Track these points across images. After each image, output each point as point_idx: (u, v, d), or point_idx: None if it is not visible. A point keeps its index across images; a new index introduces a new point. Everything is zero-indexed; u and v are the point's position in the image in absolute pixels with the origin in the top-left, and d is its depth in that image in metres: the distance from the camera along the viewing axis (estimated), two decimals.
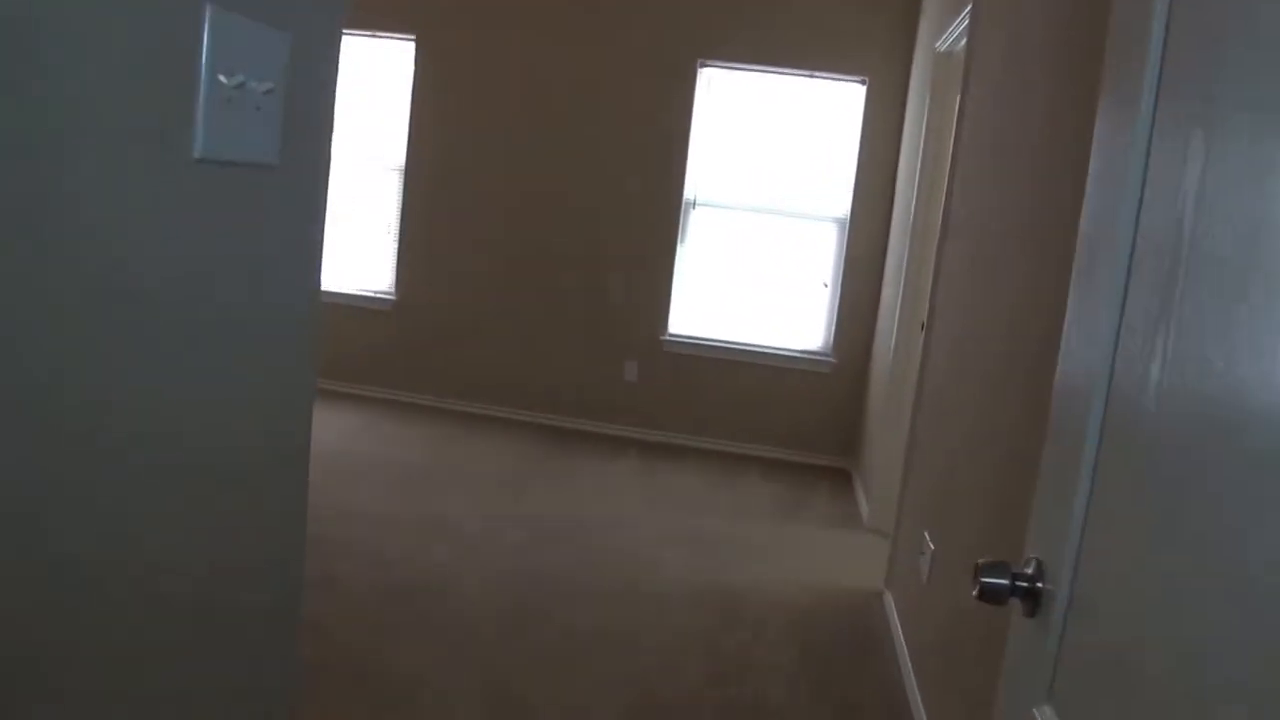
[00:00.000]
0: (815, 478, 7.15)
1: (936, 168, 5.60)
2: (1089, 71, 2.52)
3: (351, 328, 7.99)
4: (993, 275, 3.43)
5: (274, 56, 1.32)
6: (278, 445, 1.59)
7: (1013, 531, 2.80)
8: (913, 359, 5.70)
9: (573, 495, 6.18)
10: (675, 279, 7.54)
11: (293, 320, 1.55)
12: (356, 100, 7.92)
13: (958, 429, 3.77)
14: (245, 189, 1.32)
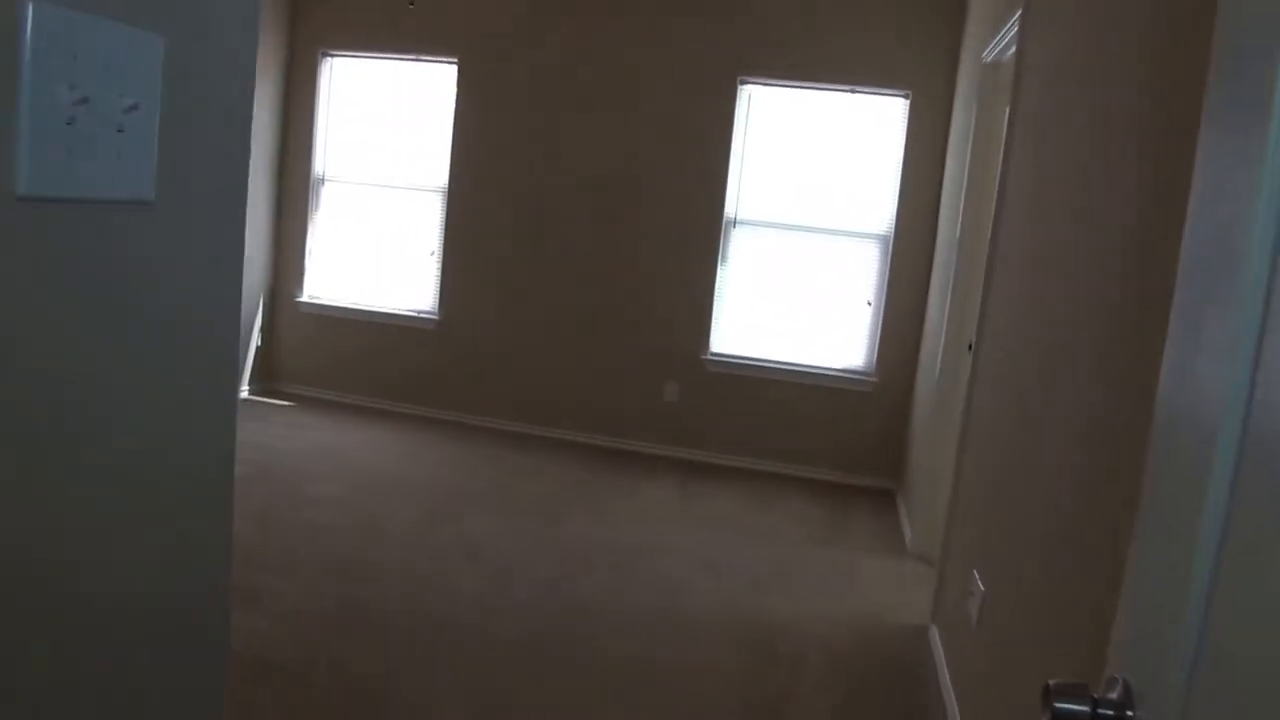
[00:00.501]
0: (857, 499, 6.78)
1: (984, 182, 5.24)
2: (1180, 72, 2.16)
3: (394, 347, 7.77)
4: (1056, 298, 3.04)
5: (139, 65, 0.98)
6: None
7: (1078, 596, 2.44)
8: (959, 381, 5.34)
9: (609, 517, 5.84)
10: (716, 298, 7.22)
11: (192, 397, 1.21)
12: (400, 123, 7.68)
13: (1013, 467, 3.39)
14: (104, 233, 0.98)
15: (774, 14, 6.93)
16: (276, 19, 7.55)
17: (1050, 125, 3.37)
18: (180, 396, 1.21)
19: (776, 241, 7.12)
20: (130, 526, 1.13)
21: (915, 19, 6.75)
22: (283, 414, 7.40)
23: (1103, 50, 2.86)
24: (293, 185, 7.90)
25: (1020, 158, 3.88)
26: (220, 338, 1.25)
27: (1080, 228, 2.79)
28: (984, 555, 3.65)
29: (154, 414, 1.17)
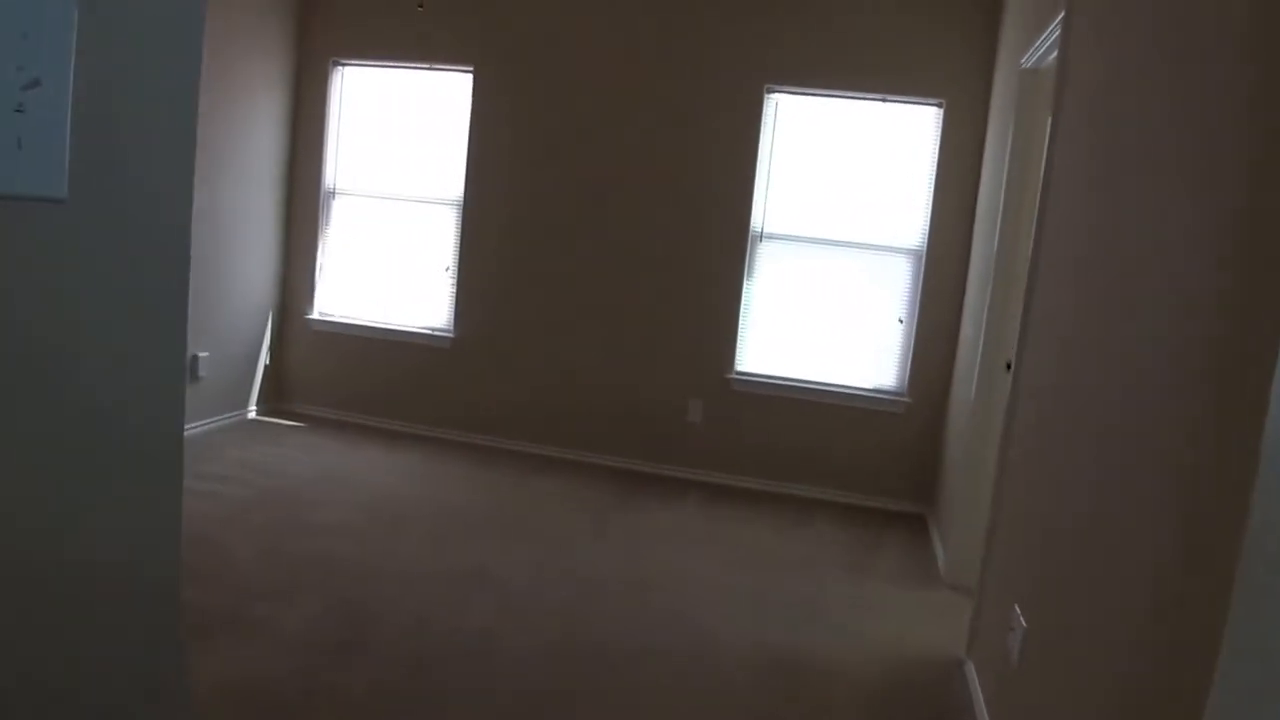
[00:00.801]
0: (888, 524, 6.60)
1: (1023, 195, 5.08)
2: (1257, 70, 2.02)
3: (407, 366, 7.68)
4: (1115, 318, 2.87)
5: (44, 32, 0.83)
6: None
7: (1139, 643, 2.27)
8: (996, 402, 5.18)
9: (629, 545, 5.68)
10: (742, 314, 7.08)
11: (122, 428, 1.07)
12: (413, 134, 7.60)
13: (1061, 497, 3.22)
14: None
15: (802, 20, 6.81)
16: (285, 26, 7.47)
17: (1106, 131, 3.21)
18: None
19: (805, 256, 6.97)
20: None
21: (948, 25, 6.61)
22: (292, 435, 7.28)
23: (1174, 49, 2.71)
24: (302, 199, 7.81)
25: (1067, 167, 3.72)
26: (164, 370, 1.11)
27: (1159, 239, 2.63)
28: (1027, 589, 3.48)
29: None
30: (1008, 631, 3.60)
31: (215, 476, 6.07)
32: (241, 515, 5.44)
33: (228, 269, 7.17)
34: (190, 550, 4.79)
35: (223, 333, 7.19)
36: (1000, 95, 6.03)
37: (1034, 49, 4.75)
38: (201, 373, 6.95)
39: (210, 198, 6.85)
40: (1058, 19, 4.12)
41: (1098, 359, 2.92)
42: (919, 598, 5.32)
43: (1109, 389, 2.77)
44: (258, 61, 7.22)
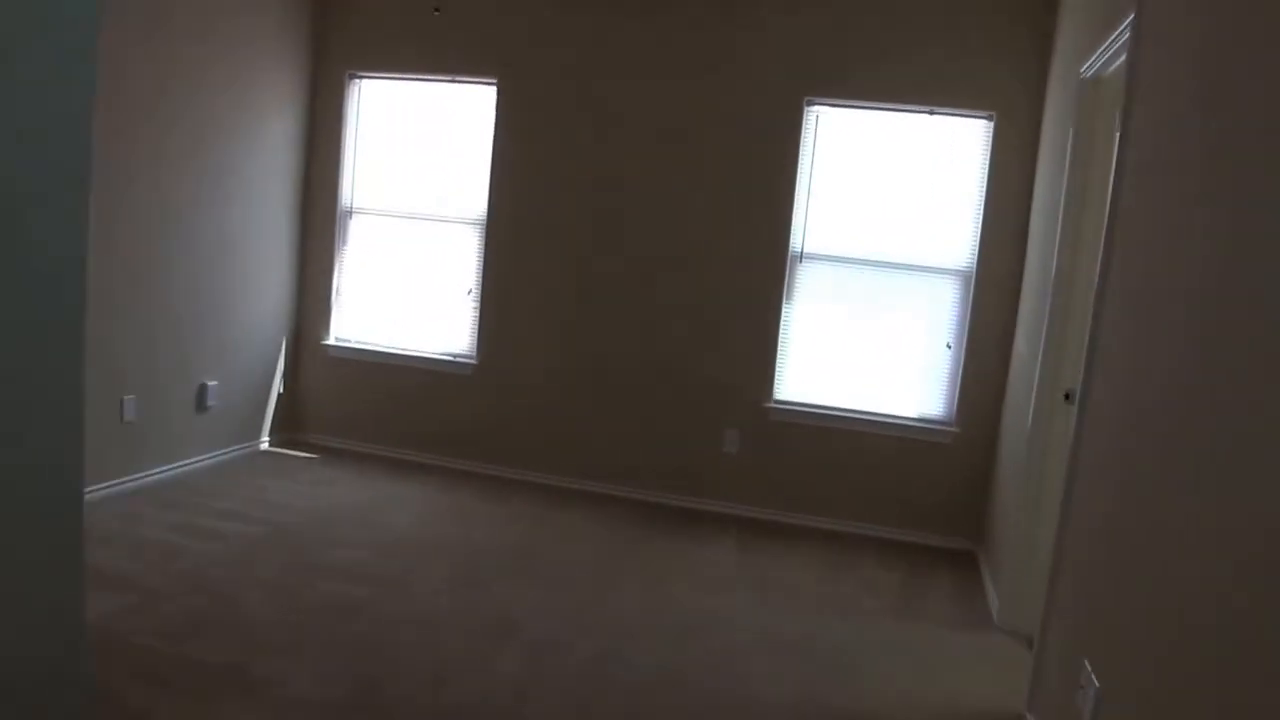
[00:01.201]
0: (936, 562, 6.38)
1: (1083, 212, 4.87)
2: None
3: (428, 394, 7.54)
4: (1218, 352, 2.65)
5: None
6: None
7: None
8: (1055, 434, 4.98)
9: (661, 586, 5.48)
10: (781, 339, 6.90)
11: None
12: (434, 150, 7.47)
13: (1144, 545, 3.00)
14: None
15: (843, 29, 6.64)
16: (298, 38, 7.35)
17: (1206, 142, 2.99)
18: None
19: (847, 277, 6.79)
20: None
21: (998, 33, 6.42)
22: (306, 468, 7.13)
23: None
24: (318, 218, 7.68)
25: (1140, 184, 3.51)
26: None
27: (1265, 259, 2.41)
28: (1099, 643, 3.26)
29: None
30: (1076, 689, 3.38)
31: (223, 514, 5.91)
32: (249, 557, 5.27)
33: (239, 293, 7.03)
34: (194, 597, 4.64)
35: (233, 360, 7.05)
36: (1055, 106, 5.84)
37: (1096, 56, 4.55)
38: (210, 402, 6.80)
39: (220, 218, 6.72)
40: (1125, 22, 3.92)
41: (1191, 396, 2.71)
42: (971, 643, 5.09)
43: (1206, 431, 2.56)
44: (270, 75, 7.10)
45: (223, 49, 6.54)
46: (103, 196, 5.71)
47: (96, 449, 5.86)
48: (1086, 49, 4.86)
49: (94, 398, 5.82)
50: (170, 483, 6.37)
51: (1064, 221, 4.97)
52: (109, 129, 5.68)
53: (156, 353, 6.30)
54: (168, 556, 5.13)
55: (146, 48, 5.92)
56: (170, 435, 6.50)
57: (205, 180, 6.54)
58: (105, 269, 5.79)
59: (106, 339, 5.87)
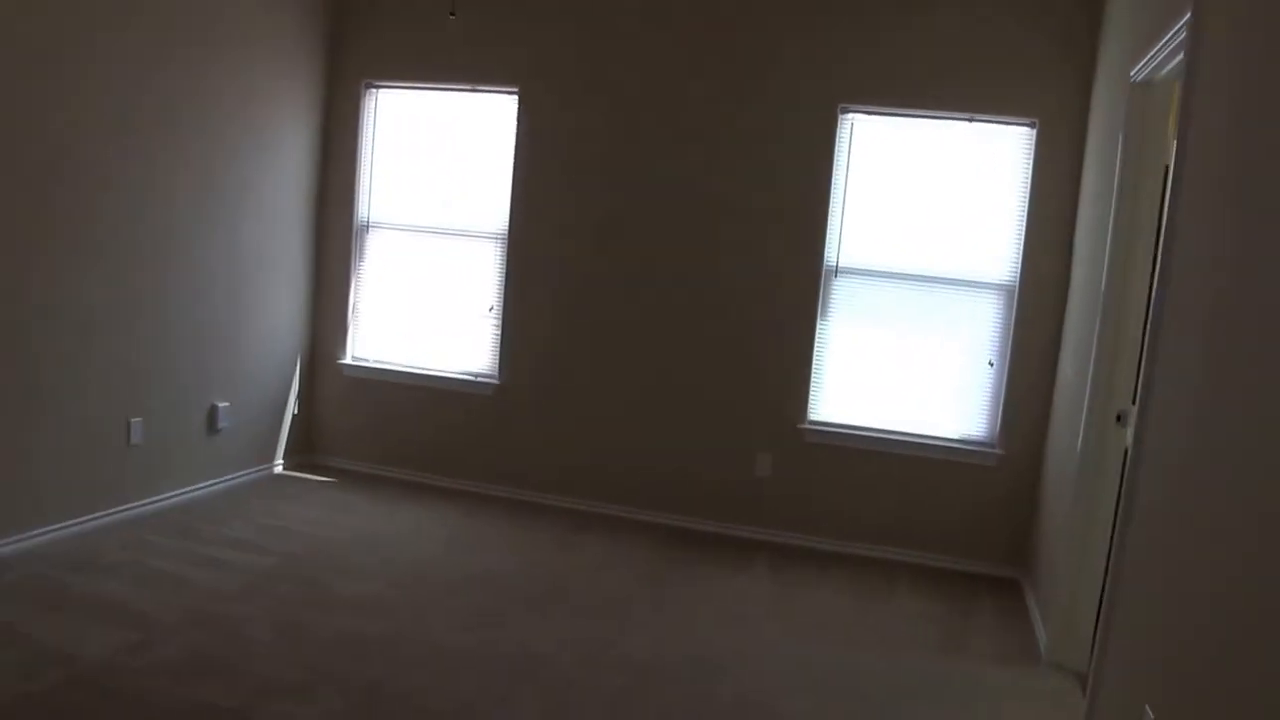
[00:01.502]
0: (979, 590, 6.21)
1: (1134, 224, 4.71)
2: None
3: (449, 415, 7.44)
4: None
5: None
6: None
7: None
8: (1107, 457, 4.83)
9: (690, 619, 5.33)
10: (815, 357, 6.76)
11: None
12: (453, 161, 7.39)
13: (1214, 582, 2.83)
14: None
15: (878, 34, 6.52)
16: (313, 46, 7.27)
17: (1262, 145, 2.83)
18: None
19: (885, 292, 6.66)
20: None
21: (1040, 36, 6.27)
22: (321, 492, 7.02)
23: None
24: (333, 233, 7.59)
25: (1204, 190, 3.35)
26: None
27: None
28: (1164, 688, 3.09)
29: None
30: None
31: (233, 542, 5.80)
32: (260, 588, 5.15)
33: (251, 311, 6.94)
34: (199, 633, 4.52)
35: (245, 380, 6.96)
36: (1102, 112, 5.69)
37: (1147, 59, 4.39)
38: (221, 424, 6.70)
39: (232, 234, 6.64)
40: (1180, 22, 3.77)
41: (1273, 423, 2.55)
42: (1018, 681, 4.91)
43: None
44: (283, 85, 7.02)
45: (234, 59, 6.47)
46: (110, 211, 5.63)
47: (101, 473, 5.79)
48: (1136, 51, 4.70)
49: (99, 420, 5.74)
50: (179, 509, 6.27)
51: (1114, 233, 4.82)
52: (116, 145, 5.64)
53: (165, 373, 6.21)
54: (173, 588, 5.02)
55: (155, 60, 5.85)
56: (180, 459, 6.41)
57: (216, 195, 6.45)
58: (112, 285, 5.72)
59: (113, 359, 5.79)
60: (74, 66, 5.33)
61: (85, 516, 5.69)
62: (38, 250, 5.24)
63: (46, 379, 5.37)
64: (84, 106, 5.41)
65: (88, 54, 5.41)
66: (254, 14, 6.64)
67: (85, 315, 5.57)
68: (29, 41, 5.05)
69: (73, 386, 5.54)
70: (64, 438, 5.52)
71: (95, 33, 5.44)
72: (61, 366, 5.46)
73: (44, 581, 4.92)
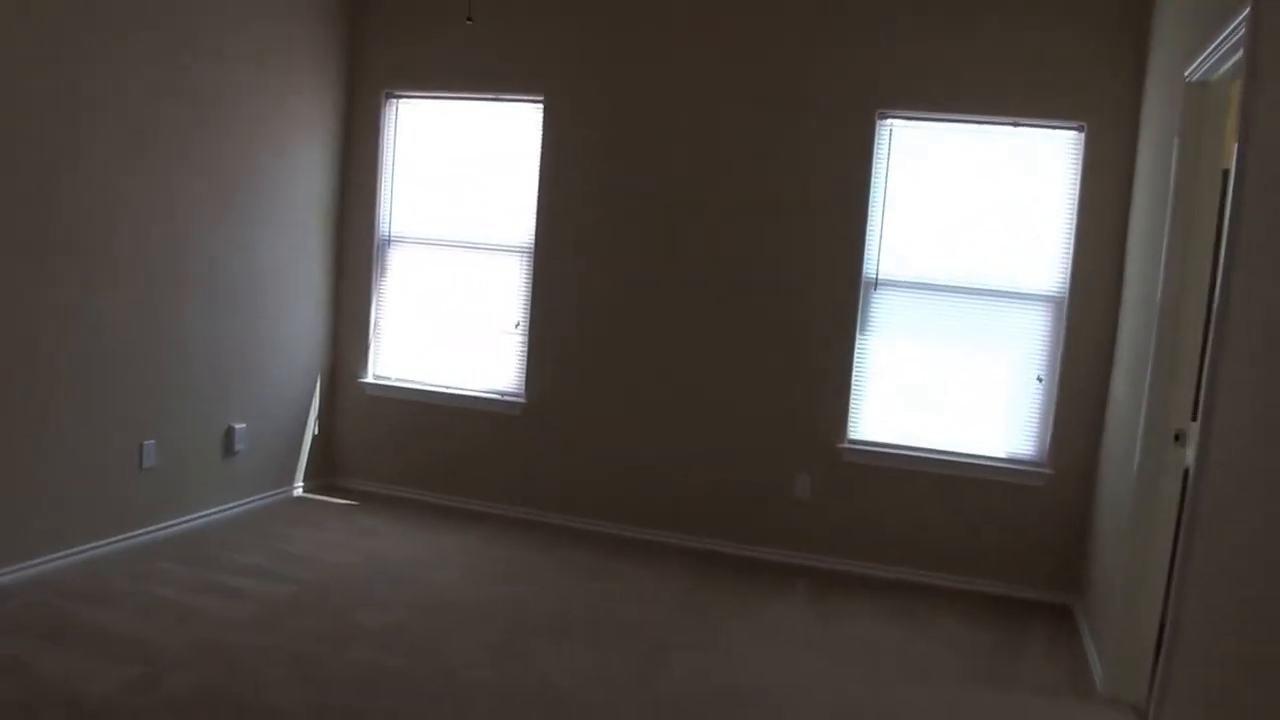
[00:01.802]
0: (1028, 617, 6.04)
1: (1190, 231, 4.56)
2: None
3: (474, 434, 7.37)
4: None
5: None
6: None
7: None
8: (1164, 479, 4.66)
9: (725, 648, 5.19)
10: (855, 374, 6.63)
11: None
12: (477, 173, 7.31)
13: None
14: None
15: (918, 37, 6.39)
16: (332, 56, 7.22)
17: None
18: None
19: (927, 305, 6.53)
20: None
21: (1087, 35, 6.14)
22: (341, 516, 6.93)
23: None
24: (354, 248, 7.54)
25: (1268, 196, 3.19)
26: None
27: None
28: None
29: None
30: None
31: (247, 569, 5.71)
32: (274, 620, 5.05)
33: (270, 328, 6.88)
34: (208, 666, 4.42)
35: (264, 400, 6.89)
36: (1155, 114, 5.54)
37: (1203, 58, 4.25)
38: (238, 446, 6.63)
39: (247, 249, 6.58)
40: (1240, 17, 3.62)
41: None
42: (1071, 715, 4.75)
43: None
44: (302, 96, 6.97)
45: (250, 71, 6.43)
46: (122, 226, 5.57)
47: (112, 498, 5.71)
48: (1191, 49, 4.55)
49: (110, 442, 5.66)
50: (192, 535, 6.19)
51: (1169, 242, 4.66)
52: (128, 159, 5.58)
53: (179, 394, 6.14)
54: (183, 619, 4.92)
55: (169, 74, 5.80)
56: (194, 483, 6.33)
57: (232, 209, 6.40)
58: (124, 303, 5.66)
59: (123, 379, 5.72)
60: (87, 79, 5.28)
61: (94, 543, 5.62)
62: (47, 266, 5.18)
63: (55, 400, 5.31)
64: (95, 120, 5.35)
65: (101, 67, 5.36)
66: (270, 24, 6.59)
67: (96, 334, 5.51)
68: (39, 54, 5.00)
69: (83, 407, 5.47)
70: (73, 461, 5.45)
71: (110, 45, 5.39)
72: (71, 387, 5.39)
73: (49, 611, 4.83)
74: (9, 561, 5.12)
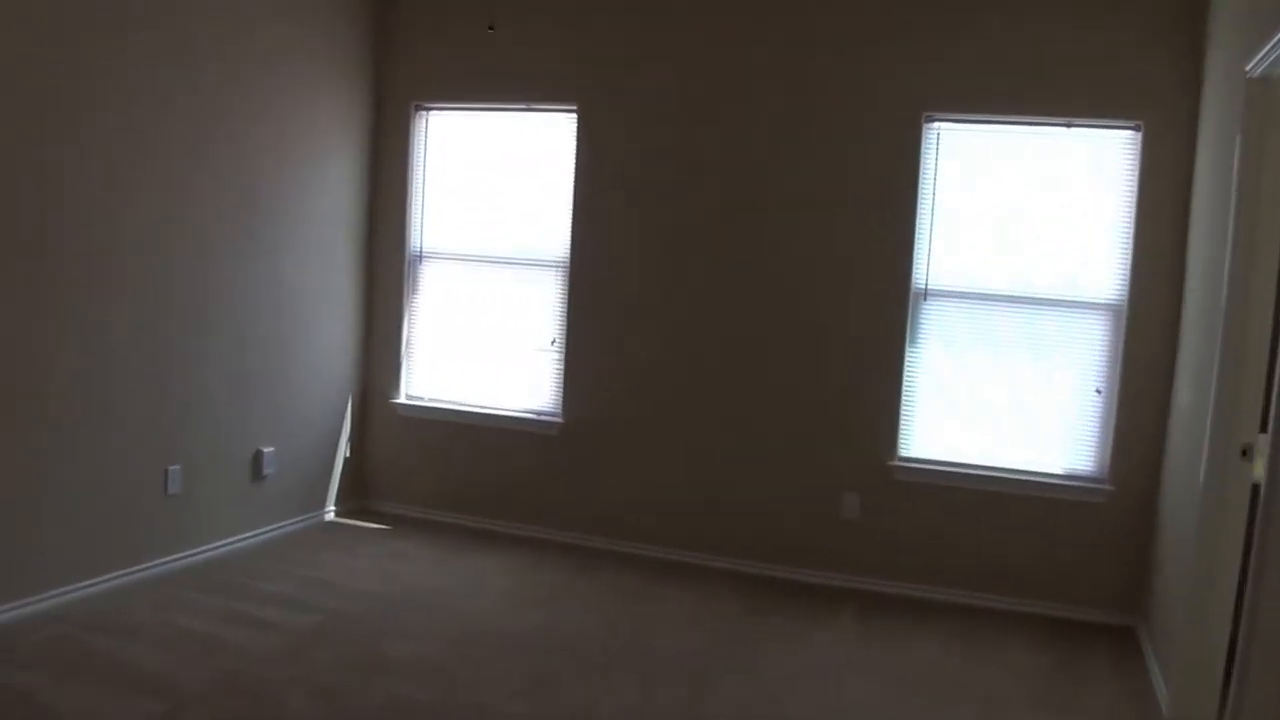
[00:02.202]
0: (1089, 640, 5.92)
1: (1256, 233, 4.45)
2: None
3: (510, 455, 7.34)
4: None
5: None
6: None
7: None
8: (1232, 494, 4.54)
9: (771, 678, 5.11)
10: (905, 388, 6.54)
11: None
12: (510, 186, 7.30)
13: None
14: None
15: (964, 36, 6.32)
16: (358, 68, 7.23)
17: None
18: None
19: (979, 315, 6.44)
20: None
21: (1142, 30, 6.04)
22: (374, 541, 6.91)
23: None
24: (384, 264, 7.53)
25: None
26: None
27: None
28: None
29: None
30: None
31: (276, 599, 5.68)
32: (301, 651, 5.01)
33: (299, 349, 6.87)
34: (232, 701, 4.39)
35: (293, 423, 6.88)
36: (1215, 111, 5.44)
37: (1266, 51, 4.15)
38: (267, 470, 6.61)
39: (274, 268, 6.58)
40: None
41: None
42: None
43: None
44: (328, 109, 6.97)
45: (274, 84, 6.43)
46: (142, 243, 5.56)
47: (135, 526, 5.69)
48: (1252, 43, 4.45)
49: (134, 468, 5.65)
50: (218, 563, 6.18)
51: (1233, 245, 4.56)
52: (146, 173, 5.57)
53: (205, 417, 6.13)
54: (206, 651, 4.89)
55: (187, 87, 5.80)
56: (221, 509, 6.32)
57: (257, 226, 6.40)
58: (145, 323, 5.65)
59: (148, 403, 5.72)
60: (105, 92, 5.28)
61: (118, 572, 5.60)
62: (66, 286, 5.18)
63: (76, 425, 5.30)
64: (112, 132, 5.35)
65: (119, 81, 5.36)
66: (294, 35, 6.60)
67: (117, 356, 5.50)
68: (59, 66, 5.01)
69: (104, 432, 5.46)
70: (95, 488, 5.43)
71: (127, 58, 5.39)
72: (92, 411, 5.38)
73: (70, 644, 4.82)
74: (31, 592, 5.11)
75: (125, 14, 5.40)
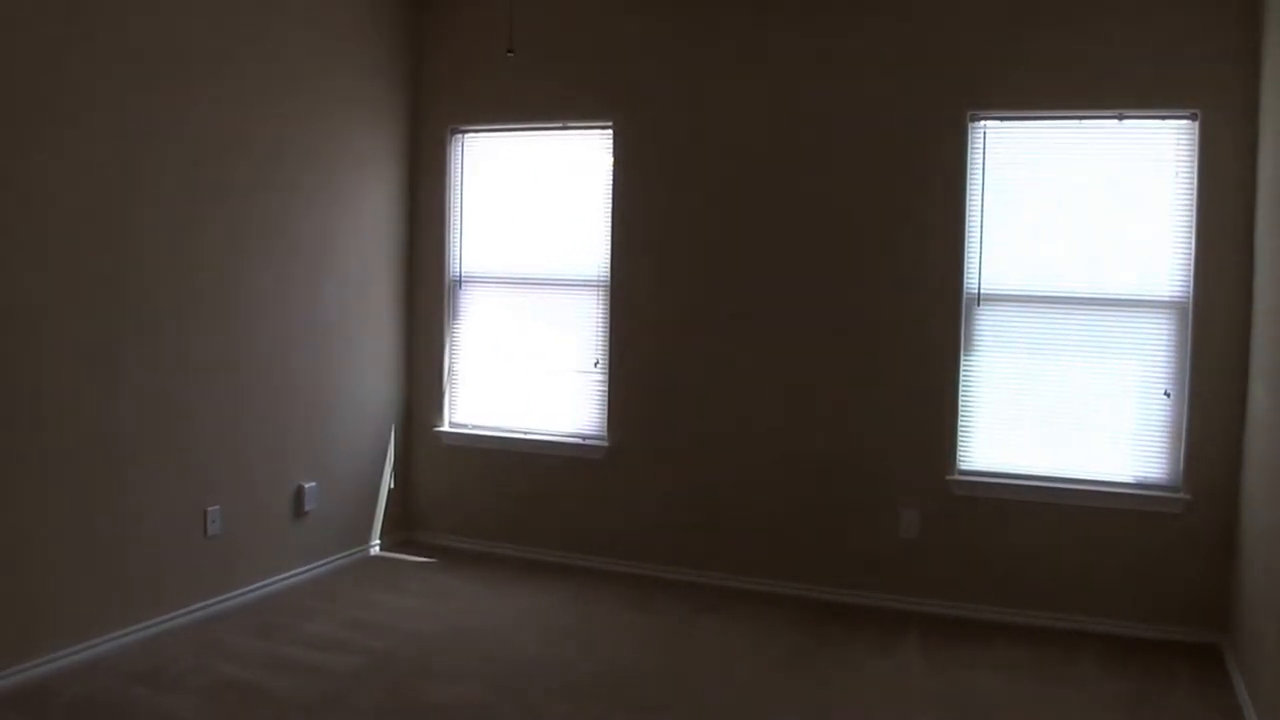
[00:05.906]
0: (1171, 660, 5.55)
1: None
2: None
3: (557, 482, 7.11)
4: None
5: None
6: None
7: None
8: None
9: (831, 710, 4.79)
10: (963, 398, 6.24)
11: None
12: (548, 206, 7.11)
13: None
14: None
15: (1007, 32, 6.04)
16: (394, 93, 7.08)
17: None
18: None
19: (1037, 319, 6.14)
20: None
21: (1196, 12, 5.74)
22: (419, 575, 6.66)
23: None
24: (424, 290, 7.34)
25: None
26: None
27: None
28: None
29: None
30: None
31: (317, 641, 5.42)
32: (342, 695, 4.75)
33: (339, 379, 6.67)
34: None
35: (335, 456, 6.65)
36: (1275, 97, 5.13)
37: None
38: (308, 506, 6.38)
39: (311, 298, 6.38)
40: None
41: None
42: None
43: None
44: (365, 135, 6.81)
45: (308, 109, 6.29)
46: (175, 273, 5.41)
47: (175, 570, 5.48)
48: None
49: (172, 511, 5.44)
50: (261, 603, 5.94)
51: None
52: (182, 202, 5.43)
53: (244, 455, 5.92)
54: (247, 701, 4.63)
55: (220, 112, 5.65)
56: (263, 548, 6.09)
57: (293, 254, 6.23)
58: (179, 359, 5.46)
59: (185, 443, 5.51)
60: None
61: (158, 618, 5.38)
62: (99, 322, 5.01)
63: (111, 469, 5.10)
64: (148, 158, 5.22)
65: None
66: (330, 60, 6.47)
67: (151, 394, 5.30)
68: (98, 94, 4.93)
69: (141, 475, 5.26)
70: (133, 533, 5.22)
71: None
72: (127, 454, 5.18)
73: (109, 697, 4.58)
74: (69, 643, 4.89)
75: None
